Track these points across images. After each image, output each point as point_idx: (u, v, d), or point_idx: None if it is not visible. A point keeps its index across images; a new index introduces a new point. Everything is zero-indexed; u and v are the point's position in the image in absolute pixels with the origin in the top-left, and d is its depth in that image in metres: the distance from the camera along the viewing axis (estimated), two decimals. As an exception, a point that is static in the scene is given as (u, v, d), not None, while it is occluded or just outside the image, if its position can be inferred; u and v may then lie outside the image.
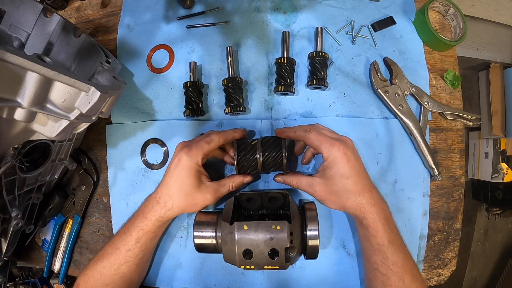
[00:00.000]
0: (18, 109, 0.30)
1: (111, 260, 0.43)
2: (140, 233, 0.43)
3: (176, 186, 0.42)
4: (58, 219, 0.53)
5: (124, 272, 0.43)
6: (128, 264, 0.43)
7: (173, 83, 0.53)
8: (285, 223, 0.38)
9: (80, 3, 0.60)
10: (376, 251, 0.40)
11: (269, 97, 0.51)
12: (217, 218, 0.43)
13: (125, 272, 0.43)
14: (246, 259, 0.38)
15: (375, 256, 0.40)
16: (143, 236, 0.43)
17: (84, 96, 0.32)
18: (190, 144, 0.43)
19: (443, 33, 0.53)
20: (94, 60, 0.46)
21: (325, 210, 0.48)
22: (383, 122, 0.50)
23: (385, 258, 0.39)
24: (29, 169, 0.42)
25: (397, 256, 0.39)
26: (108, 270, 0.43)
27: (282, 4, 0.53)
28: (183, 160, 0.42)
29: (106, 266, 0.43)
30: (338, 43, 0.52)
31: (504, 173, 1.05)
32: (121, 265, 0.43)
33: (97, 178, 0.54)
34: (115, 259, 0.43)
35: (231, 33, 0.53)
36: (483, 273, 1.33)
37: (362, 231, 0.42)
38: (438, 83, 0.53)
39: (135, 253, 0.43)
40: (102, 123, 0.54)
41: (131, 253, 0.43)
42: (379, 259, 0.40)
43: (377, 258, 0.40)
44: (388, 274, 0.39)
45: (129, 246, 0.43)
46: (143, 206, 0.45)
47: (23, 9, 0.45)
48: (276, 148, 0.44)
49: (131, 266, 0.43)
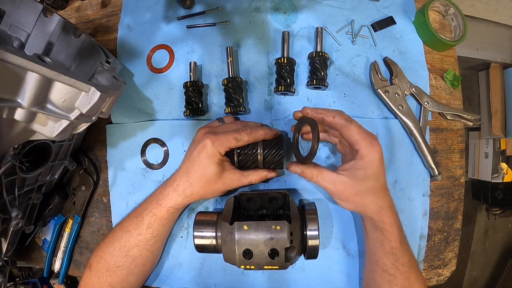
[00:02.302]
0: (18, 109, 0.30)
1: (121, 242, 0.43)
2: (152, 219, 0.43)
3: (198, 174, 0.41)
4: (58, 219, 0.53)
5: (135, 255, 0.43)
6: (139, 248, 0.43)
7: (173, 83, 0.53)
8: (285, 223, 0.38)
9: (80, 3, 0.60)
10: (388, 253, 0.39)
11: (269, 97, 0.51)
12: (217, 218, 0.43)
13: (136, 256, 0.43)
14: (246, 259, 0.38)
15: (385, 259, 0.40)
16: (155, 222, 0.43)
17: (84, 96, 0.32)
18: (217, 133, 0.41)
19: (443, 33, 0.53)
20: (94, 60, 0.46)
21: (325, 210, 0.48)
22: (383, 122, 0.50)
23: (396, 260, 0.39)
24: (29, 169, 0.42)
25: (406, 256, 0.40)
26: (118, 252, 0.43)
27: (282, 4, 0.53)
28: (208, 148, 0.40)
29: (116, 248, 0.43)
30: (338, 43, 0.52)
31: (504, 173, 1.05)
32: (131, 248, 0.43)
33: (97, 178, 0.54)
34: (125, 241, 0.43)
35: (231, 33, 0.53)
36: (483, 273, 1.33)
37: (375, 234, 0.40)
38: (438, 83, 0.53)
39: (146, 238, 0.43)
40: (102, 123, 0.54)
41: (142, 237, 0.43)
42: (390, 262, 0.39)
43: (388, 261, 0.39)
44: (396, 275, 0.39)
45: (140, 230, 0.43)
46: (157, 192, 0.44)
47: (23, 9, 0.45)
48: (277, 145, 0.43)
49: (142, 250, 0.43)
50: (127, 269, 0.43)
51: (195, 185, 0.42)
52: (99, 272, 0.43)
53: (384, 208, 0.39)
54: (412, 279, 0.39)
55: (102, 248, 0.44)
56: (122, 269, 0.43)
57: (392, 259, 0.39)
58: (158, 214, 0.43)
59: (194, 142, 0.43)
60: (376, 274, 0.41)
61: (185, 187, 0.42)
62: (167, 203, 0.42)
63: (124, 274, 0.43)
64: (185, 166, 0.43)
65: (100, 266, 0.43)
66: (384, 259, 0.40)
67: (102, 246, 0.45)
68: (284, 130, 0.50)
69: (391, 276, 0.39)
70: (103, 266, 0.43)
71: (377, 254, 0.41)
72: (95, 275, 0.43)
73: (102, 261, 0.43)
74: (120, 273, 0.43)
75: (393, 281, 0.39)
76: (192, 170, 0.42)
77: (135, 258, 0.43)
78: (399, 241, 0.39)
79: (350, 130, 0.37)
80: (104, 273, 0.43)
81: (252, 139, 0.42)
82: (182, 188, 0.42)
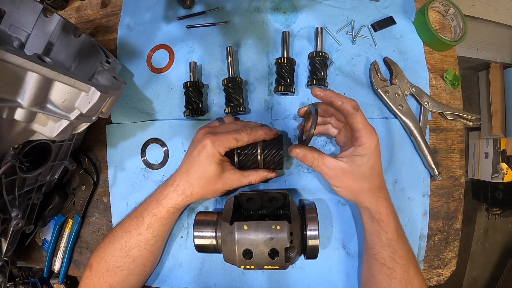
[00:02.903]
0: (18, 109, 0.30)
1: (121, 242, 0.43)
2: (152, 219, 0.43)
3: (198, 174, 0.41)
4: (58, 219, 0.53)
5: (135, 255, 0.43)
6: (140, 248, 0.43)
7: (173, 83, 0.53)
8: (285, 223, 0.38)
9: (80, 3, 0.60)
10: (385, 246, 0.40)
11: (269, 97, 0.51)
12: (217, 218, 0.43)
13: (136, 256, 0.43)
14: (246, 259, 0.38)
15: (383, 252, 0.40)
16: (155, 222, 0.43)
17: (84, 96, 0.32)
18: (217, 133, 0.41)
19: (443, 33, 0.53)
20: (94, 60, 0.46)
21: (325, 210, 0.48)
22: (383, 122, 0.50)
23: (394, 252, 0.39)
24: (29, 169, 0.42)
25: (404, 249, 0.40)
26: (119, 252, 0.43)
27: (282, 4, 0.53)
28: (208, 148, 0.40)
29: (116, 248, 0.43)
30: (338, 43, 0.52)
31: (504, 173, 1.05)
32: (132, 248, 0.43)
33: (97, 178, 0.54)
34: (125, 242, 0.43)
35: (231, 33, 0.53)
36: (483, 273, 1.33)
37: (372, 226, 0.41)
38: (438, 83, 0.53)
39: (147, 238, 0.43)
40: (102, 123, 0.54)
41: (142, 237, 0.43)
42: (388, 254, 0.40)
43: (386, 254, 0.40)
44: (394, 268, 0.39)
45: (140, 230, 0.43)
46: (157, 192, 0.44)
47: (23, 9, 0.45)
48: (277, 145, 0.44)
49: (143, 250, 0.43)
50: (127, 270, 0.43)
51: (195, 185, 0.42)
52: (99, 273, 0.43)
53: (381, 198, 0.40)
54: (411, 273, 0.39)
55: (102, 248, 0.44)
56: (122, 269, 0.43)
57: (389, 251, 0.40)
58: (158, 214, 0.43)
59: (194, 142, 0.43)
60: (375, 269, 0.41)
61: (185, 187, 0.42)
62: (167, 203, 0.42)
63: (125, 274, 0.43)
64: (185, 166, 0.43)
65: (100, 266, 0.43)
66: (382, 252, 0.40)
67: (102, 246, 0.44)
68: (284, 130, 0.50)
69: (390, 269, 0.39)
70: (103, 266, 0.43)
71: (375, 247, 0.41)
72: (95, 275, 0.43)
73: (102, 262, 0.43)
74: (121, 274, 0.43)
75: (392, 275, 0.39)
76: (192, 170, 0.42)
77: (136, 259, 0.43)
78: (396, 233, 0.40)
79: (355, 118, 0.38)
80: (104, 273, 0.43)
81: (252, 139, 0.42)
82: (182, 188, 0.42)
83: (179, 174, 0.43)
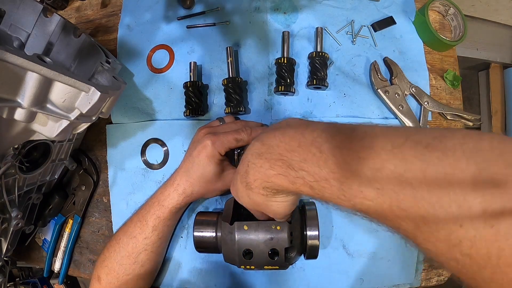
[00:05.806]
0: (18, 109, 0.30)
1: (128, 249, 0.43)
2: (157, 221, 0.43)
3: (198, 174, 0.42)
4: (58, 219, 0.53)
5: (143, 260, 0.43)
6: (147, 252, 0.43)
7: (173, 83, 0.53)
8: (285, 223, 0.38)
9: (80, 3, 0.60)
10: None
11: (269, 97, 0.51)
12: (217, 218, 0.43)
13: (144, 260, 0.43)
14: (246, 259, 0.38)
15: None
16: (159, 223, 0.43)
17: (84, 96, 0.32)
18: (217, 133, 0.42)
19: (443, 33, 0.53)
20: (94, 60, 0.46)
21: (325, 210, 0.48)
22: (383, 122, 0.50)
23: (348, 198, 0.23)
24: (29, 169, 0.42)
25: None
26: (127, 260, 0.43)
27: (282, 4, 0.53)
28: (208, 148, 0.40)
29: (124, 256, 0.43)
30: (338, 43, 0.52)
31: (504, 173, 1.05)
32: (139, 254, 0.43)
33: (97, 178, 0.54)
34: (132, 248, 0.43)
35: (231, 33, 0.53)
36: (483, 273, 1.33)
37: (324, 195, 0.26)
38: (438, 83, 0.53)
39: (153, 241, 0.43)
40: (102, 123, 0.54)
41: (148, 241, 0.43)
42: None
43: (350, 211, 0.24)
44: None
45: (146, 234, 0.42)
46: (158, 193, 0.44)
47: (23, 9, 0.45)
48: None
49: (150, 254, 0.43)
50: (137, 276, 0.43)
51: (195, 185, 0.42)
52: (110, 284, 0.43)
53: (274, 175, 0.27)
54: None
55: (108, 258, 0.43)
56: (132, 276, 0.43)
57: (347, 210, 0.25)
58: (161, 216, 0.43)
59: (194, 142, 0.43)
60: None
61: (185, 187, 0.42)
62: (169, 203, 0.42)
63: (134, 280, 0.43)
64: (185, 166, 0.43)
65: (110, 277, 0.43)
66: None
67: (108, 255, 0.44)
68: (284, 130, 0.50)
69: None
70: (113, 277, 0.43)
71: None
72: (105, 287, 0.43)
73: (111, 272, 0.43)
74: (131, 281, 0.43)
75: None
76: (192, 170, 0.42)
77: (144, 263, 0.43)
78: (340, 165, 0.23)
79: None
80: (114, 284, 0.43)
81: (252, 139, 0.42)
82: (183, 188, 0.42)
83: (179, 174, 0.43)
